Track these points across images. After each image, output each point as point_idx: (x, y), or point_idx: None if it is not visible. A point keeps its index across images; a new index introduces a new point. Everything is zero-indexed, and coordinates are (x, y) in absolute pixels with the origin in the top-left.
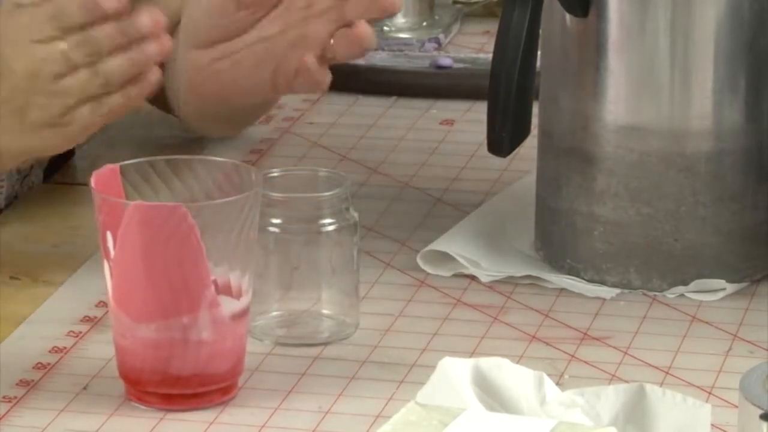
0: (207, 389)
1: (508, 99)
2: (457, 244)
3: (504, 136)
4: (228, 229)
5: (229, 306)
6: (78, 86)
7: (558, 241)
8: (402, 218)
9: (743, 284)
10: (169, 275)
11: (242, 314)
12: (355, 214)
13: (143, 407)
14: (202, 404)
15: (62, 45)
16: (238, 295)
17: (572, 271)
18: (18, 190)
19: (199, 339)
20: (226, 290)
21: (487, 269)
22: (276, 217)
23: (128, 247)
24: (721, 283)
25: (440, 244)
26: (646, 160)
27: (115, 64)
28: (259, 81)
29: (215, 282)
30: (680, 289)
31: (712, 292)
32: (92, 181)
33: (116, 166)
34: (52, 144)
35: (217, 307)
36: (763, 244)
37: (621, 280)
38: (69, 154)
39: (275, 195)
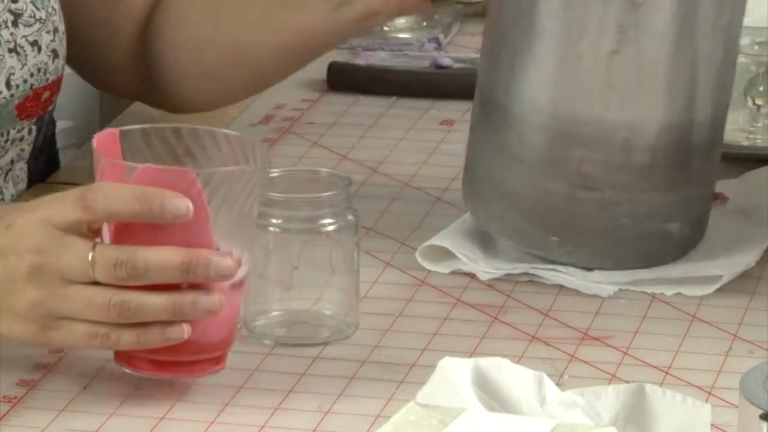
0: (199, 357)
1: None
2: (457, 240)
3: None
4: (233, 199)
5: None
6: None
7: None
8: (402, 218)
9: (737, 272)
10: (173, 240)
11: (240, 284)
12: (356, 214)
13: (130, 372)
14: (192, 373)
15: (91, 252)
16: (237, 266)
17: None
18: (2, 186)
19: None
20: None
21: (486, 266)
22: (276, 217)
23: None
24: (715, 271)
25: (439, 240)
26: (583, 148)
27: (151, 302)
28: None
29: (217, 250)
30: (677, 287)
31: (708, 285)
32: (94, 143)
33: (116, 130)
34: (17, 336)
35: None
36: (695, 226)
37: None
38: (55, 164)
39: (275, 195)
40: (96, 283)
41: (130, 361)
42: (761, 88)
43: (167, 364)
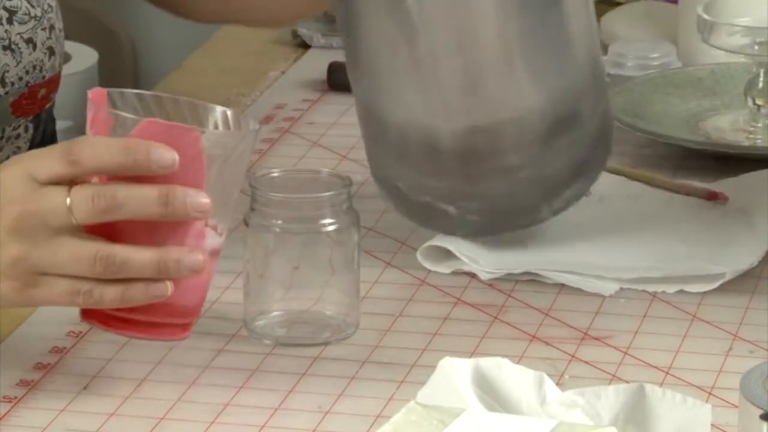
0: (172, 321)
1: None
2: (457, 240)
3: None
4: (226, 167)
5: (211, 240)
6: (71, 257)
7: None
8: (402, 218)
9: (740, 270)
10: None
11: (216, 253)
12: (356, 214)
13: (101, 329)
14: (160, 336)
15: (68, 194)
16: (220, 234)
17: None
18: None
19: None
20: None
21: (486, 266)
22: (276, 217)
23: None
24: (718, 269)
25: (440, 240)
26: (368, 120)
27: (137, 257)
28: None
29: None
30: (679, 284)
31: (711, 282)
32: (90, 95)
33: (104, 90)
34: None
35: (202, 238)
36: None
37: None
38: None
39: (275, 195)
40: (81, 239)
41: (101, 317)
42: (761, 88)
43: (139, 324)
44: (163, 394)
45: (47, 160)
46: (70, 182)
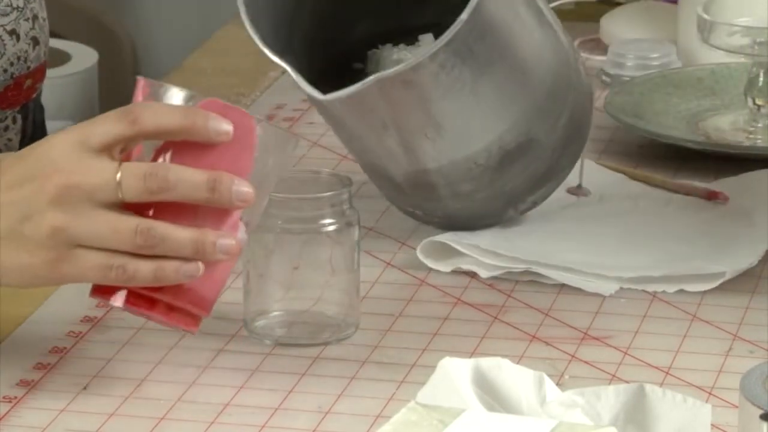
0: (191, 309)
1: None
2: (458, 236)
3: None
4: (269, 166)
5: (241, 234)
6: (113, 227)
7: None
8: (402, 218)
9: (740, 269)
10: None
11: (240, 251)
12: (356, 214)
13: (121, 308)
14: (176, 322)
15: (118, 169)
16: (247, 233)
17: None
18: None
19: None
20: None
21: (486, 265)
22: (276, 217)
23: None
24: (718, 268)
25: (441, 236)
26: (381, 175)
27: (177, 234)
28: None
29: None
30: (679, 284)
31: (711, 281)
32: (140, 77)
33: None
34: (26, 268)
35: (236, 230)
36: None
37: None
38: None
39: (275, 195)
40: (120, 212)
41: (127, 298)
42: (761, 88)
43: (158, 304)
44: (163, 394)
45: (104, 122)
46: (122, 151)
